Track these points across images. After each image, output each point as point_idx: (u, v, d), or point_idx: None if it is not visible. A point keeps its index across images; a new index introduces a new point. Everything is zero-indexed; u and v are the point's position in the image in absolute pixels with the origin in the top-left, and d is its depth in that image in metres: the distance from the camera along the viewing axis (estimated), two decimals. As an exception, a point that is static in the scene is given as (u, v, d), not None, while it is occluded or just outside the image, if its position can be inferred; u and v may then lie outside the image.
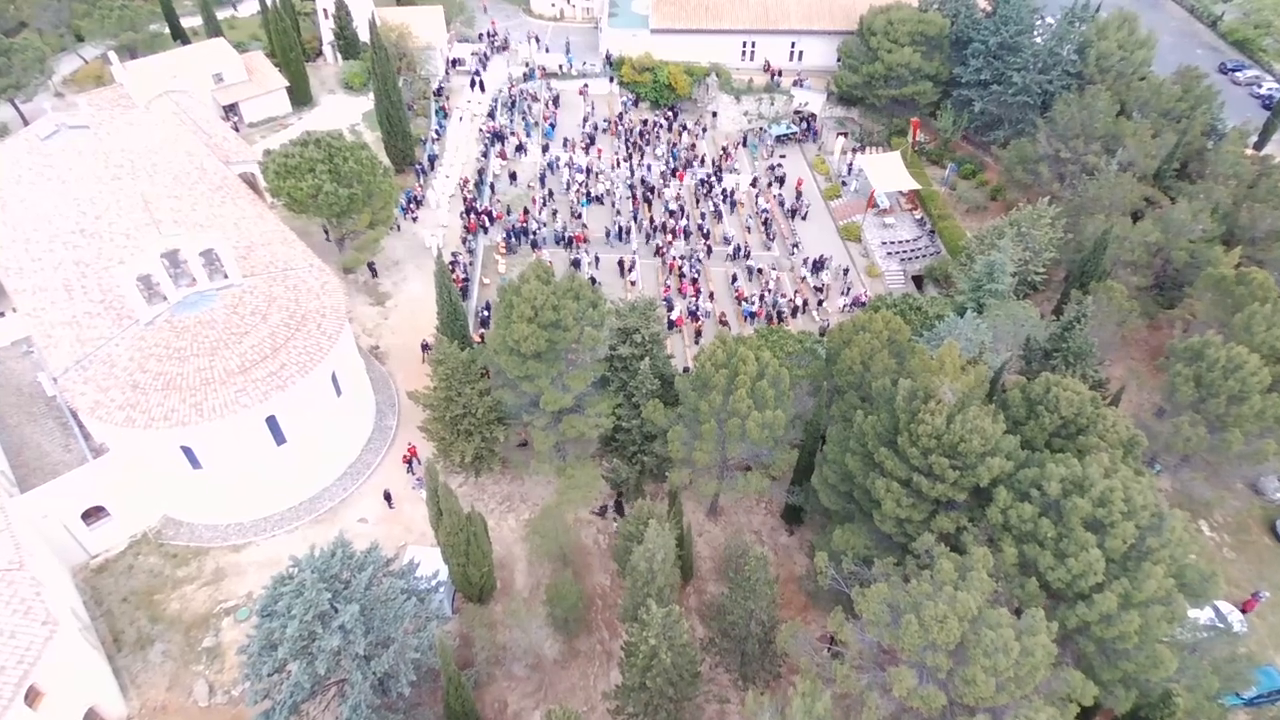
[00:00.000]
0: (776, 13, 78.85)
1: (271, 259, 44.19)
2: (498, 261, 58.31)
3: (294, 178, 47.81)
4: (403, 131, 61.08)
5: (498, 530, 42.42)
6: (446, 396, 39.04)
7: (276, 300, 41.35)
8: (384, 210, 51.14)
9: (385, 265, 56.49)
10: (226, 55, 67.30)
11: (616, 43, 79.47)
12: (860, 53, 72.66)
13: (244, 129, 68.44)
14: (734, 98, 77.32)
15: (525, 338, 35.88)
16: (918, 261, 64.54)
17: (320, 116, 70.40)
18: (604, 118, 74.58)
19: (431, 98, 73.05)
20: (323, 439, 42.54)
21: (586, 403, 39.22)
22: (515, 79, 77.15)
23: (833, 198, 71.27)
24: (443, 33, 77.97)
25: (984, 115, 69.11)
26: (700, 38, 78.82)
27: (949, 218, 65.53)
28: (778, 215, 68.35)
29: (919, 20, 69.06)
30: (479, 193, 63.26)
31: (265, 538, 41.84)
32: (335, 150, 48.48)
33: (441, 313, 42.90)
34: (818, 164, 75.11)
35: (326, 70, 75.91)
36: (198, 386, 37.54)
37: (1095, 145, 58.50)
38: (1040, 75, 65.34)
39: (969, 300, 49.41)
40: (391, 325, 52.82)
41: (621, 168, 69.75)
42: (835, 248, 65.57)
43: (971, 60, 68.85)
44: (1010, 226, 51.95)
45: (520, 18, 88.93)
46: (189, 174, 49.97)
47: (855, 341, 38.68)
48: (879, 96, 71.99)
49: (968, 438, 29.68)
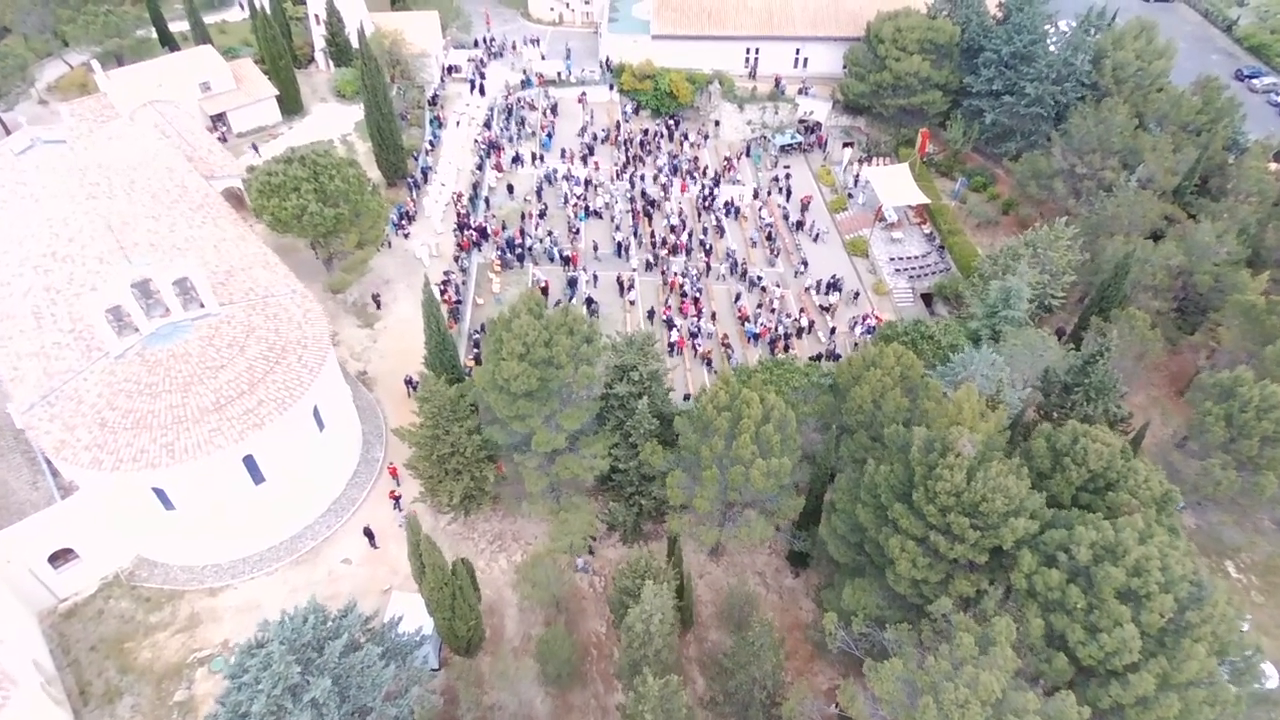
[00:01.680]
0: (781, 18, 76.25)
1: (251, 285, 41.83)
2: (492, 280, 55.91)
3: (277, 197, 45.43)
4: (394, 144, 58.63)
5: (488, 572, 40.13)
6: (433, 435, 36.70)
7: (255, 331, 38.99)
8: (373, 230, 48.75)
9: (375, 283, 54.11)
10: (214, 63, 64.81)
11: (616, 49, 76.93)
12: (867, 60, 70.09)
13: (232, 139, 66.05)
14: (737, 106, 74.83)
15: (516, 376, 33.53)
16: (927, 279, 62.06)
17: (311, 126, 67.96)
18: (603, 127, 72.08)
19: (426, 106, 70.58)
20: (304, 476, 40.22)
21: (581, 442, 36.87)
22: (512, 86, 74.62)
23: (839, 210, 68.79)
24: (438, 39, 75.48)
25: (995, 126, 66.55)
26: (702, 44, 76.28)
27: (959, 233, 63.03)
28: (782, 229, 65.89)
29: (928, 28, 66.47)
30: (473, 207, 60.81)
31: (243, 580, 39.56)
32: (321, 168, 46.08)
33: (430, 343, 40.56)
34: (823, 174, 72.60)
35: (319, 77, 73.44)
36: (169, 425, 35.22)
37: (1113, 160, 56.00)
38: (1054, 86, 62.75)
39: (983, 326, 47.02)
40: (380, 349, 50.45)
41: (621, 179, 67.27)
42: (841, 263, 63.12)
43: (983, 69, 66.26)
44: (1026, 248, 49.48)
45: (519, 22, 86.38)
46: (169, 192, 47.59)
47: (866, 378, 36.31)
48: (886, 106, 69.45)
49: (990, 497, 27.31)
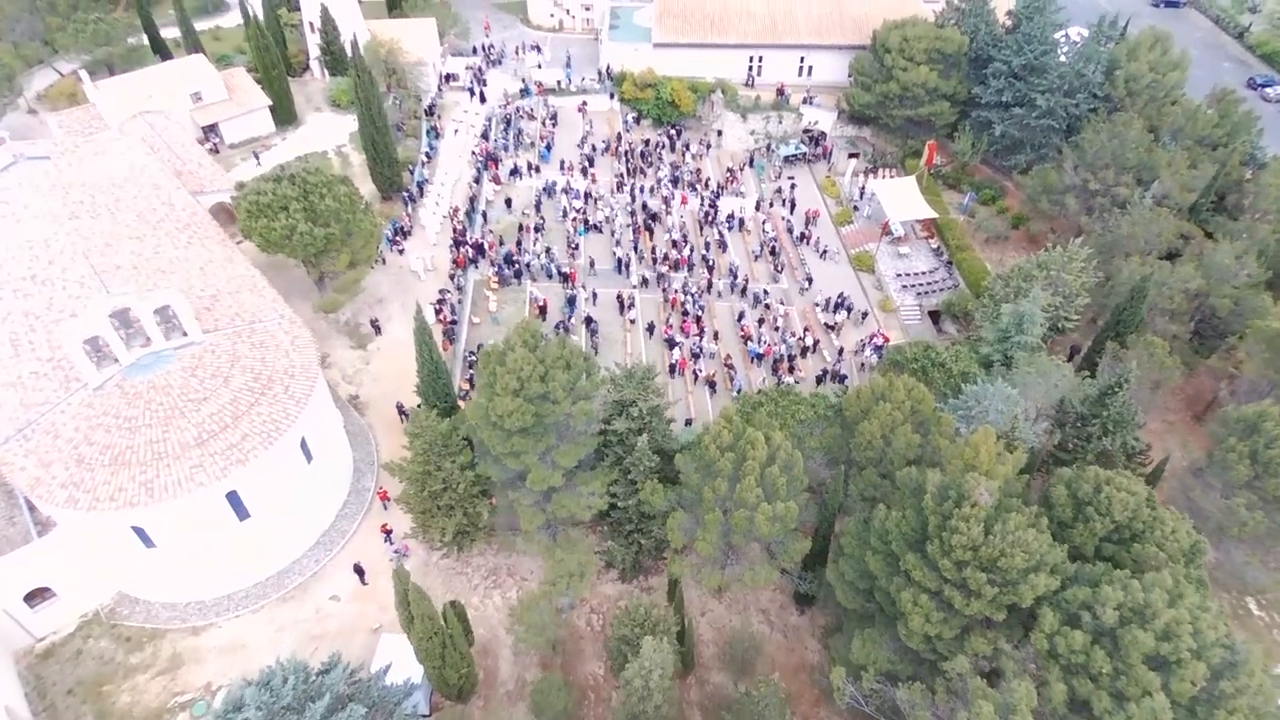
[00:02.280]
0: (785, 26, 74.56)
1: (238, 310, 40.26)
2: (489, 298, 54.31)
3: (266, 217, 43.84)
4: (389, 158, 57.02)
5: (481, 610, 38.60)
6: (424, 470, 35.14)
7: (240, 360, 37.43)
8: (365, 249, 47.17)
9: (368, 303, 52.54)
10: (205, 73, 63.22)
11: (617, 57, 75.26)
12: (873, 70, 68.40)
13: (224, 150, 64.48)
14: (740, 115, 73.19)
15: (510, 413, 31.97)
16: (934, 296, 60.44)
17: (305, 136, 66.40)
18: (604, 138, 70.41)
19: (423, 116, 68.95)
20: (291, 510, 38.67)
21: (578, 478, 35.30)
22: (511, 95, 72.98)
23: (844, 223, 67.14)
24: (436, 46, 73.83)
25: (1004, 139, 64.86)
26: (705, 52, 74.61)
27: (968, 248, 61.40)
28: (785, 243, 64.25)
29: (936, 37, 64.75)
30: (470, 222, 59.20)
31: (228, 618, 38.03)
32: (311, 187, 44.48)
33: (422, 371, 39.00)
34: (827, 186, 70.93)
35: (314, 86, 71.82)
36: (149, 462, 33.68)
37: (1127, 176, 54.32)
38: (1065, 98, 61.04)
39: (995, 352, 45.40)
40: (373, 371, 48.89)
41: (621, 192, 65.64)
42: (846, 279, 61.50)
43: (992, 80, 64.56)
44: (1039, 270, 47.81)
45: (518, 28, 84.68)
46: (154, 211, 46.03)
47: (875, 413, 34.72)
48: (893, 117, 67.79)
49: (1009, 552, 25.73)
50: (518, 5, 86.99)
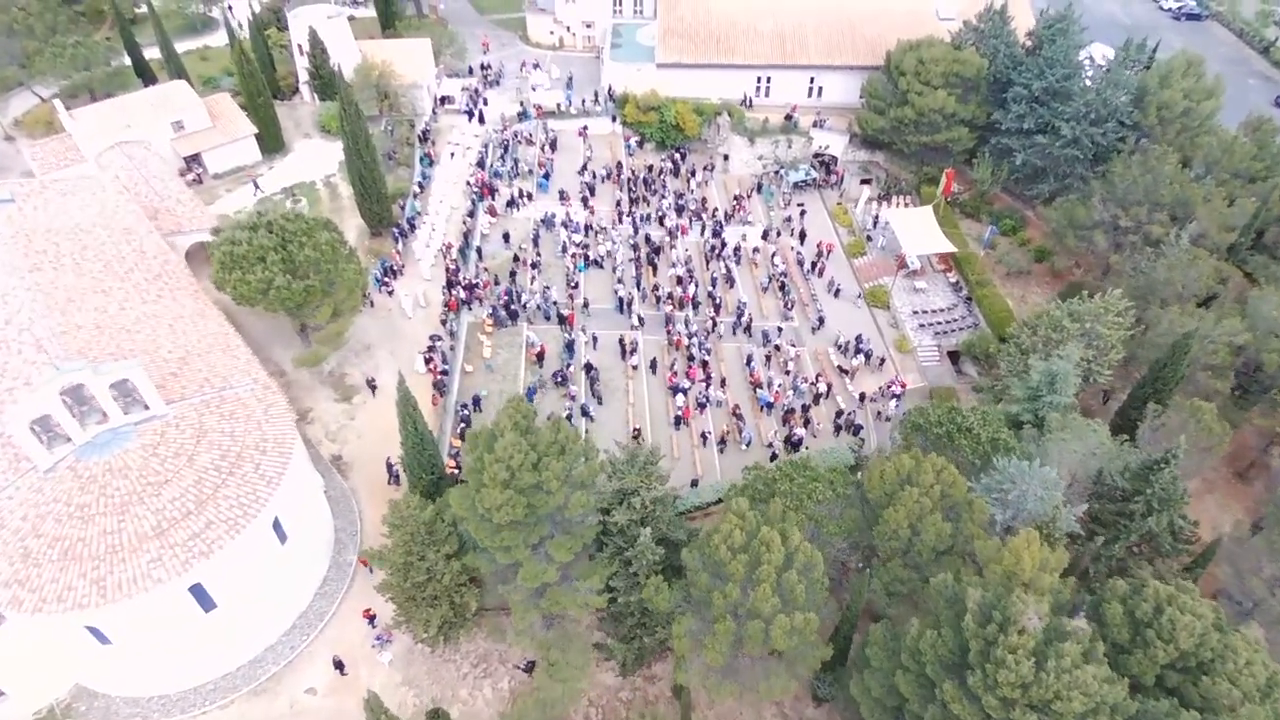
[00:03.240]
0: (794, 45, 71.00)
1: (208, 374, 36.98)
2: (482, 343, 50.92)
3: (241, 269, 40.49)
4: (378, 193, 53.65)
5: (470, 704, 35.29)
6: (405, 562, 31.82)
7: (208, 434, 34.11)
8: (348, 300, 43.80)
9: (355, 350, 49.21)
10: (187, 100, 59.85)
11: (620, 78, 71.80)
12: (887, 92, 64.85)
13: (208, 180, 61.17)
14: (747, 139, 69.73)
15: (499, 506, 28.66)
16: (953, 335, 56.93)
17: (293, 165, 63.03)
18: (605, 166, 66.91)
19: (416, 143, 65.54)
20: (263, 596, 35.39)
21: (574, 570, 31.96)
22: (509, 119, 69.56)
23: (856, 254, 63.64)
24: (430, 67, 70.44)
25: (1026, 167, 61.29)
26: (711, 72, 71.15)
27: (988, 284, 57.86)
28: (796, 277, 60.78)
29: (954, 60, 61.12)
30: (464, 259, 55.79)
31: (195, 714, 34.75)
32: (290, 235, 41.13)
33: (406, 444, 35.68)
34: (838, 214, 67.43)
35: (303, 110, 68.46)
36: (102, 556, 30.41)
37: (1160, 214, 50.76)
38: (1092, 127, 57.45)
39: (1025, 411, 41.94)
40: (358, 427, 45.56)
41: (623, 223, 62.19)
42: (860, 316, 58.03)
43: (1013, 106, 60.98)
44: (1071, 320, 44.31)
45: (517, 46, 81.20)
46: (123, 259, 42.78)
47: (901, 499, 31.30)
48: (908, 142, 64.21)
49: (1065, 694, 22.33)
50: (517, 22, 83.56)
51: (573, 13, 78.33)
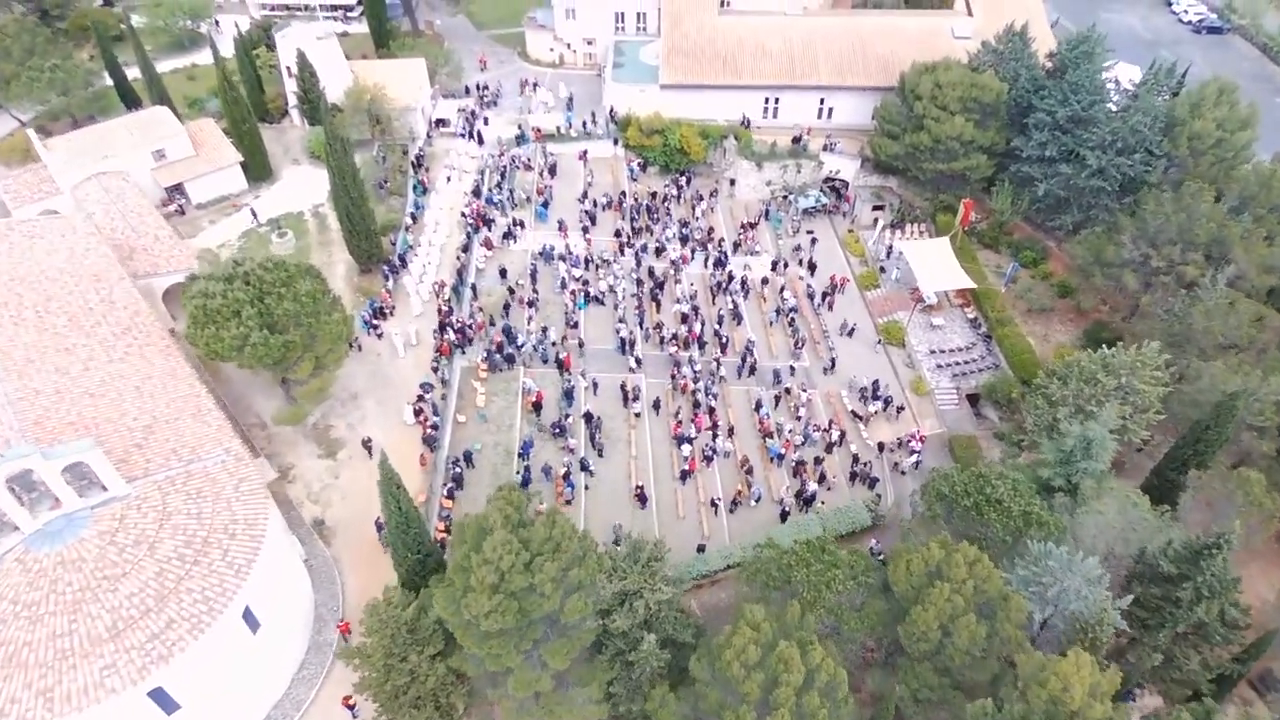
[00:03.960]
0: (804, 65, 67.82)
1: (176, 444, 34.05)
2: (476, 390, 47.90)
3: (214, 324, 37.50)
4: (366, 230, 50.64)
5: (459, 805, 32.35)
6: (385, 664, 28.87)
7: (172, 517, 31.16)
8: (331, 354, 40.80)
9: (341, 400, 46.24)
10: (169, 128, 56.86)
11: (622, 99, 68.68)
12: (901, 116, 61.64)
13: (191, 210, 58.22)
14: (755, 164, 66.56)
15: (488, 613, 25.69)
16: (973, 377, 53.83)
17: (280, 194, 60.06)
18: (605, 193, 63.76)
19: (410, 169, 62.50)
20: (233, 690, 32.44)
21: (571, 674, 28.97)
22: (506, 142, 66.46)
23: (869, 287, 60.53)
24: (425, 88, 67.40)
25: (1048, 197, 58.08)
26: (717, 93, 68.03)
27: (1009, 322, 54.72)
28: (807, 312, 57.70)
29: (972, 84, 57.83)
30: (457, 298, 52.73)
31: (159, 819, 31.83)
32: (268, 287, 38.12)
33: (390, 523, 32.68)
34: (849, 242, 64.32)
35: (292, 134, 65.44)
36: (51, 663, 27.47)
37: (1195, 254, 47.62)
38: (1120, 157, 54.25)
39: (1056, 475, 38.86)
40: (343, 486, 42.58)
41: (625, 255, 59.10)
42: (874, 355, 54.96)
43: (1034, 133, 57.76)
44: (1105, 372, 41.19)
45: (515, 63, 78.05)
46: (91, 311, 39.83)
47: (931, 597, 28.27)
48: (923, 169, 61.00)
49: None
50: (516, 37, 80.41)
51: (573, 30, 75.21)
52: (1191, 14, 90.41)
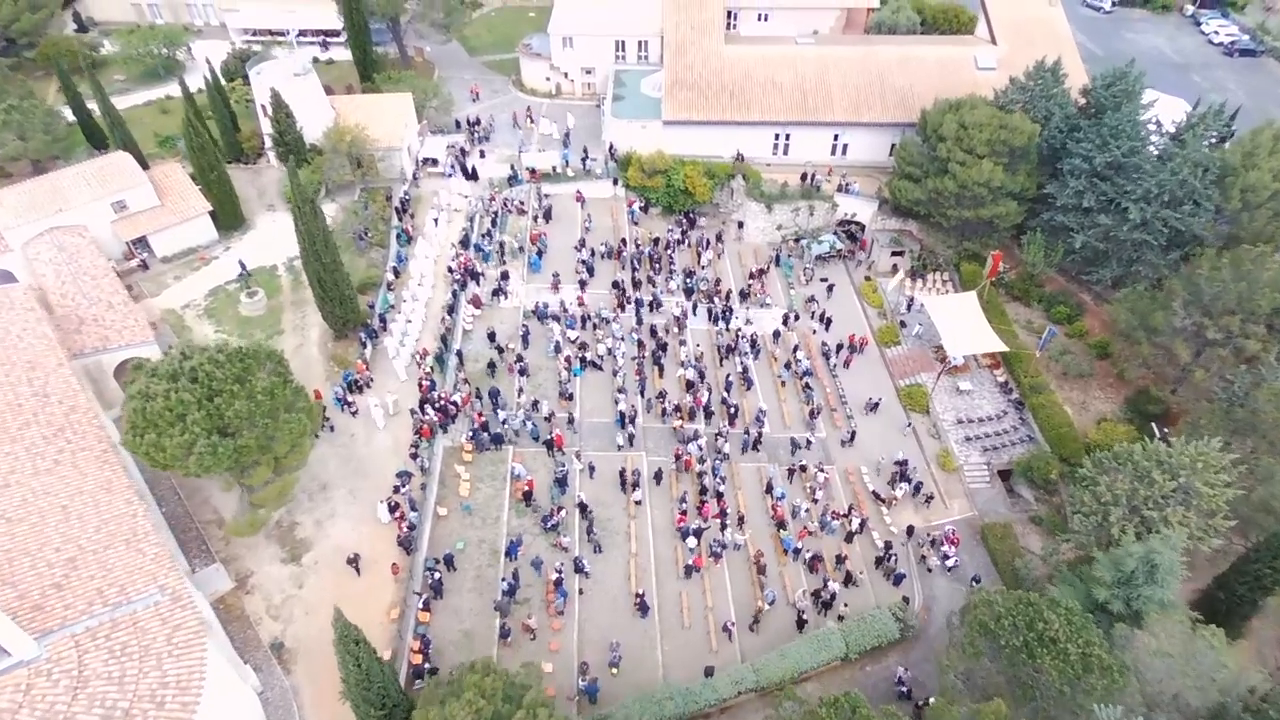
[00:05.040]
0: (817, 100, 62.68)
1: (103, 582, 29.16)
2: (460, 476, 42.99)
3: (156, 430, 32.59)
4: (340, 296, 45.69)
5: None
6: None
7: (90, 683, 26.25)
8: (293, 455, 35.84)
9: (309, 491, 41.34)
10: (130, 176, 51.85)
11: (622, 135, 63.66)
12: (922, 158, 56.52)
13: (155, 265, 53.32)
14: (765, 206, 61.57)
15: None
16: (1005, 451, 48.85)
17: (253, 245, 55.12)
18: (604, 241, 58.66)
19: (394, 214, 57.52)
20: None
21: None
22: (498, 184, 61.44)
23: (889, 343, 55.55)
24: (412, 124, 62.42)
25: (1086, 249, 52.96)
26: (723, 130, 62.99)
27: (1044, 389, 49.68)
28: (823, 375, 52.74)
29: (1001, 126, 52.60)
30: (441, 367, 47.77)
31: None
32: (219, 385, 33.16)
33: (349, 682, 27.82)
34: (866, 291, 59.33)
35: (268, 176, 60.44)
36: None
37: (1258, 326, 42.55)
38: (1165, 209, 49.14)
39: (1113, 597, 33.87)
40: (307, 598, 37.62)
41: (626, 310, 54.11)
42: (896, 425, 50.04)
43: (1070, 180, 52.59)
44: (1161, 471, 36.16)
45: (510, 93, 72.95)
46: (21, 408, 34.96)
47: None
48: (948, 217, 55.89)
49: None
50: (510, 65, 75.34)
51: (571, 59, 70.14)
52: (1223, 35, 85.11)
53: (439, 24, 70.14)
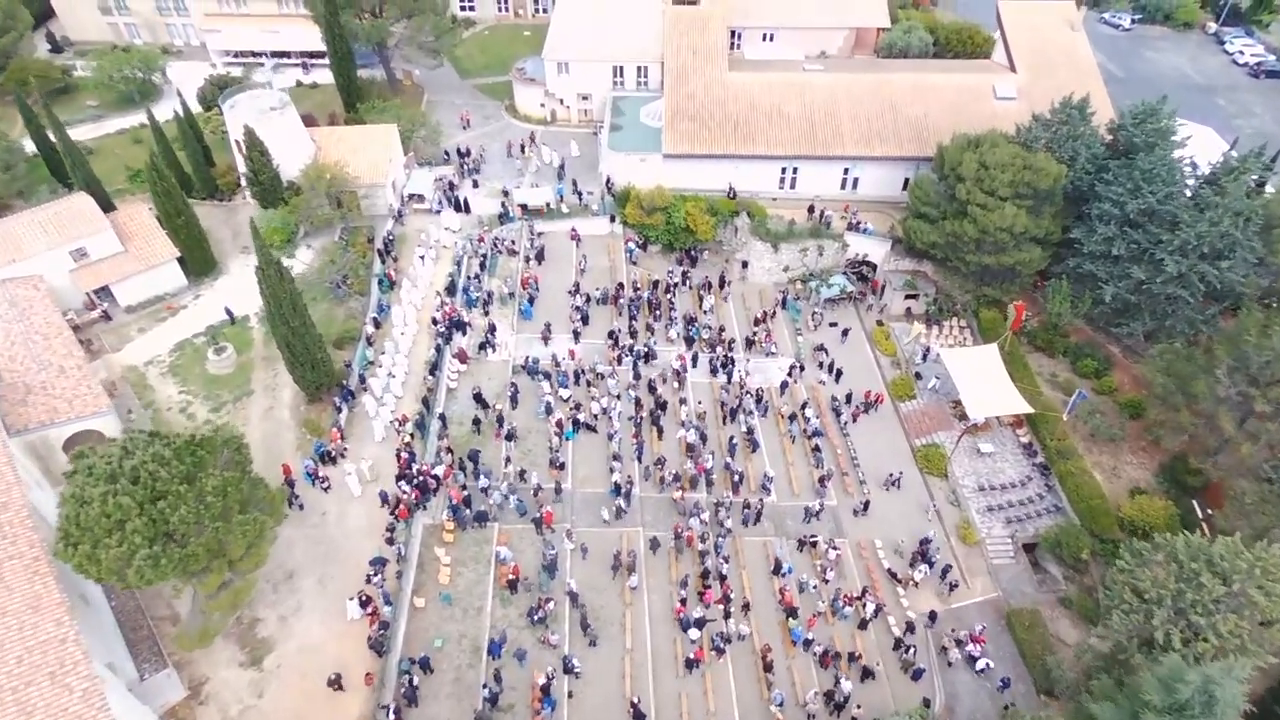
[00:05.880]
0: (826, 132, 58.72)
1: (19, 731, 25.40)
2: (439, 560, 39.20)
3: (90, 540, 28.80)
4: (311, 360, 41.86)
5: None
6: None
7: None
8: (249, 559, 31.98)
9: (272, 581, 37.56)
10: (91, 222, 48.01)
11: (620, 170, 59.82)
12: (939, 197, 52.55)
13: (118, 315, 49.55)
14: (770, 245, 57.60)
15: None
16: (1030, 523, 45.02)
17: (225, 292, 51.28)
18: (598, 287, 54.67)
19: (376, 258, 53.67)
20: None
21: None
22: (488, 221, 57.60)
23: (903, 397, 51.66)
24: (397, 158, 58.52)
25: (1116, 300, 49.06)
26: (727, 163, 59.10)
27: (1072, 454, 45.79)
28: (833, 435, 48.87)
29: (1025, 166, 48.57)
30: (423, 433, 43.94)
31: None
32: (163, 484, 29.36)
33: None
34: (878, 337, 55.38)
35: (244, 214, 56.13)
36: None
37: (1313, 401, 38.67)
38: (1204, 262, 45.24)
39: (1164, 724, 30.00)
40: (266, 710, 33.75)
41: (623, 364, 50.30)
42: (912, 490, 46.24)
43: (1099, 226, 48.66)
44: (1213, 575, 32.32)
45: (503, 119, 69.09)
46: (-57, 506, 31.07)
47: None
48: (966, 262, 51.93)
49: None
50: (503, 88, 71.40)
51: (566, 84, 66.21)
52: (1248, 55, 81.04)
53: (428, 47, 66.22)
